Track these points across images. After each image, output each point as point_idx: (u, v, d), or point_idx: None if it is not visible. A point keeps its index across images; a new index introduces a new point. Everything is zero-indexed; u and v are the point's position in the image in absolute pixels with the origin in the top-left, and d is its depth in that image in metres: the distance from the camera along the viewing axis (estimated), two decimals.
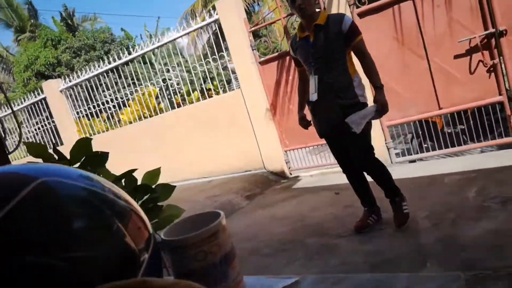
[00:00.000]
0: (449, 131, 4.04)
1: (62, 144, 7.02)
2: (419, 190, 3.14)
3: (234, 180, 4.94)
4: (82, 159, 1.83)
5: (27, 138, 7.77)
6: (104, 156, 1.87)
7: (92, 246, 0.37)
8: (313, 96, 2.50)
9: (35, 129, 7.48)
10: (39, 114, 7.17)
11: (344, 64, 2.42)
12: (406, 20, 3.81)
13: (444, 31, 3.66)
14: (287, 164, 4.94)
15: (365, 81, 2.49)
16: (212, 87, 5.61)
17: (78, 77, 6.37)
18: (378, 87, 2.40)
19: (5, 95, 1.70)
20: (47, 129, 7.27)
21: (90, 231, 0.38)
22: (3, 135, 1.54)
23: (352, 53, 2.47)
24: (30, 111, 7.29)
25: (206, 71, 5.25)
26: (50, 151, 1.87)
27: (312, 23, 2.42)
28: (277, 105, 4.79)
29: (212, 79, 6.03)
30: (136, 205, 0.48)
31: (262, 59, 4.76)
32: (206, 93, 5.44)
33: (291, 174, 4.94)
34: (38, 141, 7.60)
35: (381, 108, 2.39)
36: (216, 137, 5.33)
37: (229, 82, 6.34)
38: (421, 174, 3.58)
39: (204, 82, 6.39)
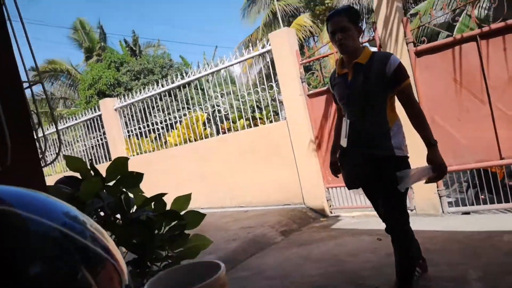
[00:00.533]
0: (511, 183, 3.68)
1: (110, 160, 7.29)
2: (473, 246, 2.83)
3: (271, 213, 4.79)
4: (117, 178, 1.82)
5: (83, 152, 8.16)
6: (138, 177, 1.85)
7: None
8: (343, 142, 2.22)
9: (91, 144, 7.84)
10: (96, 130, 7.52)
11: (383, 110, 2.09)
12: (468, 61, 3.58)
13: (510, 76, 3.39)
14: (328, 202, 4.73)
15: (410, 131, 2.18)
16: (260, 117, 5.60)
17: (133, 97, 6.65)
18: (431, 143, 2.00)
19: (51, 111, 1.74)
20: (101, 144, 7.59)
21: (43, 277, 0.30)
22: (43, 148, 1.56)
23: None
24: (89, 127, 7.67)
25: (254, 100, 5.26)
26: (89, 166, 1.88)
27: (352, 60, 2.14)
28: (322, 140, 4.66)
29: (261, 109, 6.04)
30: (116, 253, 0.40)
31: (311, 92, 4.69)
32: (251, 122, 5.43)
33: (331, 212, 4.71)
34: (92, 155, 7.95)
35: (438, 171, 1.98)
36: (258, 167, 5.25)
37: (277, 113, 6.32)
38: (476, 229, 3.24)
39: (253, 111, 6.42)
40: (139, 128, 6.75)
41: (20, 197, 0.36)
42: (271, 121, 5.37)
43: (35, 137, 1.56)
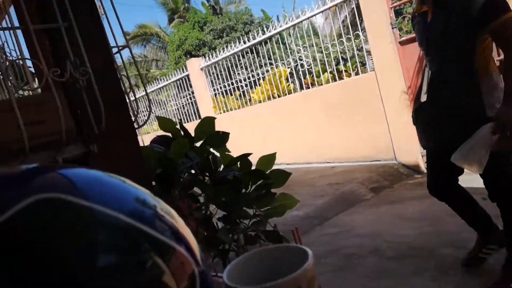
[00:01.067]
0: None
1: (200, 118, 7.61)
2: None
3: (360, 169, 4.62)
4: (205, 138, 1.85)
5: (175, 110, 8.66)
6: (224, 136, 1.86)
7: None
8: (423, 97, 1.88)
9: (182, 103, 8.26)
10: (186, 89, 7.86)
11: (470, 57, 1.68)
12: None
13: None
14: (423, 158, 4.40)
15: None
16: (345, 69, 5.30)
17: (217, 56, 6.74)
18: (509, 95, 1.60)
19: (139, 74, 1.79)
20: (190, 103, 7.95)
21: (97, 268, 0.26)
22: (136, 111, 1.62)
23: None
24: (179, 86, 8.03)
25: (339, 52, 4.97)
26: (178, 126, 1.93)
27: None
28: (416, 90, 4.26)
29: (346, 60, 5.71)
30: (186, 236, 0.35)
31: (403, 38, 4.25)
32: (336, 75, 5.16)
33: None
34: (183, 114, 8.39)
35: (501, 129, 1.57)
36: (344, 121, 5.04)
37: (364, 64, 5.91)
38: None
39: (338, 63, 6.10)
40: (224, 86, 6.88)
41: (82, 183, 0.32)
42: (357, 73, 5.05)
43: (127, 100, 1.63)
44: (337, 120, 5.14)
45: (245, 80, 6.50)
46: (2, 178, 0.29)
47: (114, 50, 1.66)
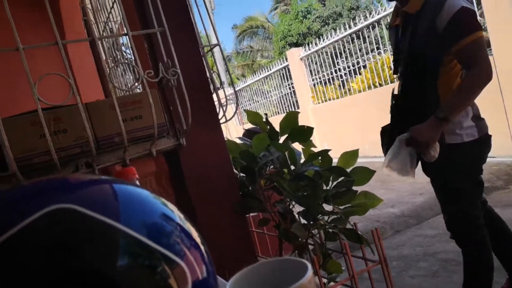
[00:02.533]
0: None
1: (298, 108, 7.65)
2: None
3: None
4: (290, 132, 1.88)
5: (276, 100, 8.85)
6: (309, 131, 1.87)
7: None
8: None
9: (283, 93, 8.40)
10: (287, 79, 7.98)
11: (433, 80, 1.52)
12: None
13: None
14: None
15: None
16: None
17: (316, 45, 6.66)
18: (437, 115, 1.45)
19: (228, 72, 1.89)
20: (290, 93, 8.04)
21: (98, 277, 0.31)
22: (223, 106, 1.73)
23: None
24: (282, 76, 8.17)
25: None
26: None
27: (401, 7, 1.58)
28: None
29: None
30: (196, 250, 0.39)
31: None
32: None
33: None
34: (283, 105, 8.53)
35: (410, 144, 1.51)
36: None
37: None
38: None
39: None
40: (324, 75, 6.78)
41: (97, 196, 0.37)
42: None
43: (215, 95, 1.74)
44: None
45: (344, 69, 6.31)
46: (20, 190, 0.37)
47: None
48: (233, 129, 10.42)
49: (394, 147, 1.55)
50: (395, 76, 1.78)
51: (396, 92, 1.73)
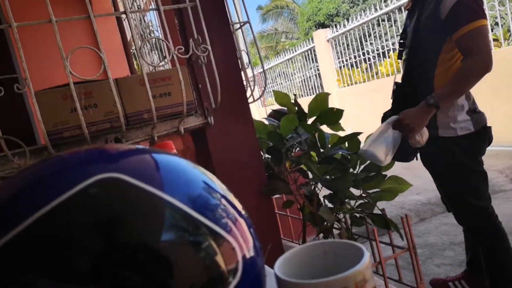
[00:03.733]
0: None
1: (323, 91, 7.52)
2: None
3: (501, 155, 4.03)
4: (319, 114, 1.84)
5: (300, 83, 8.73)
6: (338, 113, 1.82)
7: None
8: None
9: (307, 76, 8.28)
10: (312, 61, 7.84)
11: (432, 68, 1.50)
12: None
13: None
14: None
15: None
16: (494, 38, 4.56)
17: (344, 26, 6.48)
18: (428, 100, 1.42)
19: (258, 51, 1.85)
20: (315, 75, 7.91)
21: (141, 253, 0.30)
22: (251, 86, 1.70)
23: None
24: (306, 58, 8.03)
25: (493, 17, 4.27)
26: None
27: None
28: None
29: (502, 26, 4.89)
30: (241, 223, 0.36)
31: None
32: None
33: None
34: (308, 87, 8.41)
35: (397, 127, 1.47)
36: (487, 98, 4.39)
37: None
38: None
39: (491, 30, 5.28)
40: (351, 58, 6.62)
41: (145, 167, 0.36)
42: (509, 44, 4.31)
43: (244, 75, 1.71)
44: (479, 97, 4.51)
45: (373, 52, 6.13)
46: (65, 160, 0.35)
47: (238, 26, 1.75)
48: (255, 111, 10.39)
49: (380, 129, 1.54)
50: (399, 61, 1.73)
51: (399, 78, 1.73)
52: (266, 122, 1.90)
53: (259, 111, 10.18)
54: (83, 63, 1.73)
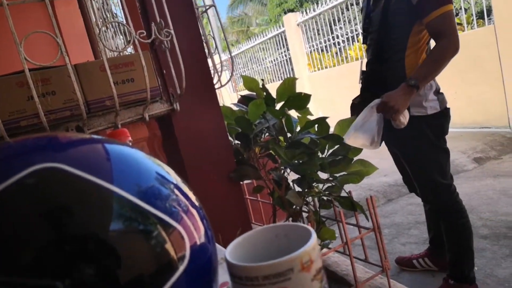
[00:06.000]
0: None
1: (294, 75, 7.55)
2: None
3: (465, 136, 4.19)
4: (286, 99, 1.84)
5: (270, 68, 8.72)
6: (306, 98, 1.83)
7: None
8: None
9: (278, 60, 8.26)
10: (282, 46, 7.81)
11: (401, 51, 1.55)
12: None
13: None
14: None
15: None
16: (458, 22, 4.69)
17: (314, 10, 6.48)
18: (408, 81, 1.47)
19: (224, 36, 1.82)
20: (285, 60, 7.90)
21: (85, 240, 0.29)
22: (218, 72, 1.68)
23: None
24: (277, 43, 7.99)
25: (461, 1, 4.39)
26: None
27: None
28: None
29: (466, 11, 5.01)
30: (193, 213, 0.36)
31: None
32: None
33: None
34: (277, 72, 8.41)
35: (382, 104, 1.51)
36: (451, 82, 4.54)
37: (483, 17, 5.16)
38: None
39: (457, 15, 5.42)
40: (321, 42, 6.65)
41: (87, 155, 0.34)
42: (472, 27, 4.44)
43: (210, 60, 1.68)
44: (444, 80, 4.64)
45: (342, 36, 6.18)
46: (8, 148, 0.34)
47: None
48: (227, 96, 10.32)
49: (363, 115, 1.56)
50: (363, 46, 1.78)
51: (361, 64, 1.78)
52: (235, 108, 1.89)
53: (231, 97, 10.13)
54: (42, 48, 1.65)
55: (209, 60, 1.67)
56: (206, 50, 1.63)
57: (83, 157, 0.34)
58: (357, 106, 1.80)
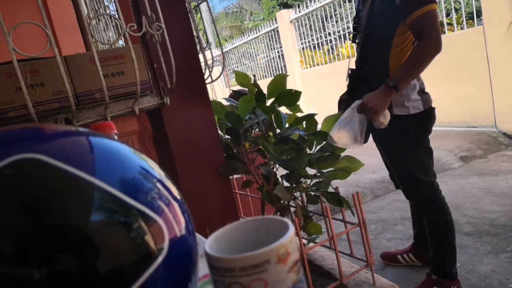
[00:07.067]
0: None
1: (286, 72, 7.55)
2: None
3: (452, 135, 4.25)
4: (277, 95, 1.85)
5: (264, 64, 8.70)
6: (296, 94, 1.84)
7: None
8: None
9: (271, 56, 8.25)
10: (275, 42, 7.80)
11: (386, 51, 1.57)
12: None
13: None
14: None
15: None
16: (448, 22, 4.74)
17: (307, 7, 6.49)
18: (388, 83, 1.48)
19: (216, 31, 1.82)
20: (278, 56, 7.90)
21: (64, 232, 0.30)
22: (209, 66, 1.68)
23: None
24: (270, 39, 7.97)
25: (452, 1, 4.43)
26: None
27: None
28: None
29: (457, 11, 5.06)
30: (174, 206, 0.38)
31: None
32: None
33: None
34: (270, 68, 8.41)
35: (362, 105, 1.53)
36: (439, 82, 4.60)
37: (472, 17, 5.23)
38: None
39: (448, 15, 5.47)
40: (313, 40, 6.66)
41: (69, 147, 0.35)
42: (462, 28, 4.49)
43: (201, 55, 1.69)
44: (433, 80, 4.70)
45: (335, 33, 6.20)
46: None
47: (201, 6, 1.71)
48: (219, 92, 10.29)
49: (346, 115, 1.58)
50: (353, 44, 1.79)
51: (349, 62, 1.82)
52: (226, 103, 1.89)
53: (223, 92, 10.10)
54: (33, 39, 1.64)
55: (201, 55, 1.68)
56: (198, 45, 1.64)
57: (65, 149, 0.34)
58: (344, 102, 1.82)
